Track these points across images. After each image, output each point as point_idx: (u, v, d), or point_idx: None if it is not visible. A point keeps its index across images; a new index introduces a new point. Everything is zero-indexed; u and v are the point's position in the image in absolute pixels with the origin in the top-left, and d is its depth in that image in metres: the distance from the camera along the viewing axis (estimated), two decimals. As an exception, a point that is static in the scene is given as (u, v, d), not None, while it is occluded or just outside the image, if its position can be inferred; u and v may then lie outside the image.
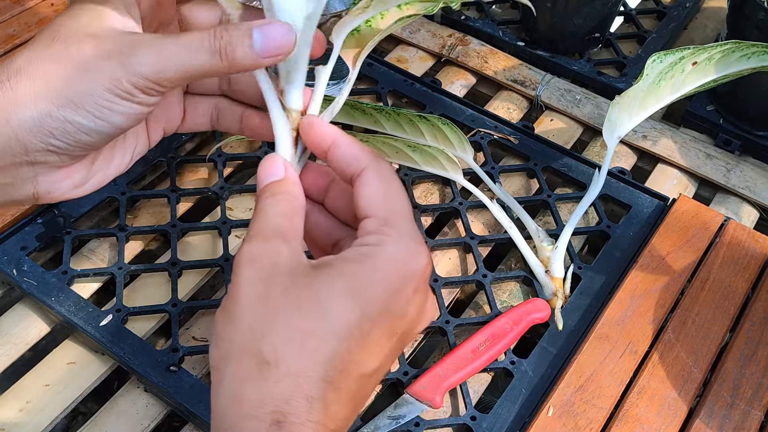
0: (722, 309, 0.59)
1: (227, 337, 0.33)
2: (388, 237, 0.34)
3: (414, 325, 0.35)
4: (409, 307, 0.34)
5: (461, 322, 0.58)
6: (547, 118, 0.77)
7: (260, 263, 0.33)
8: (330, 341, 0.32)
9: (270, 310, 0.32)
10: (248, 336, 0.32)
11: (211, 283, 0.62)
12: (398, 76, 0.77)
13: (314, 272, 0.33)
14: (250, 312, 0.32)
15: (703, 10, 0.93)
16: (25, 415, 0.52)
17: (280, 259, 0.33)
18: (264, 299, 0.32)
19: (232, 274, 0.34)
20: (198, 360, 0.56)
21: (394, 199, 0.36)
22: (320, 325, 0.32)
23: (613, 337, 0.57)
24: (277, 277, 0.33)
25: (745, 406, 0.54)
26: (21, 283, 0.57)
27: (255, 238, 0.34)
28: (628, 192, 0.68)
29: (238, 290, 0.33)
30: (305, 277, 0.33)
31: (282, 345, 0.31)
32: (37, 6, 0.81)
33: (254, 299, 0.33)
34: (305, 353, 0.31)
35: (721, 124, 0.75)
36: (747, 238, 0.64)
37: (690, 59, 0.56)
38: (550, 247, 0.61)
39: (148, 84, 0.36)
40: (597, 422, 0.52)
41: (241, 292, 0.33)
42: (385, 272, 0.33)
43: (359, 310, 0.32)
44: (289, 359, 0.31)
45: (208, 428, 0.51)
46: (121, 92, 0.35)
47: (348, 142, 0.37)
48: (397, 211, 0.35)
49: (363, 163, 0.36)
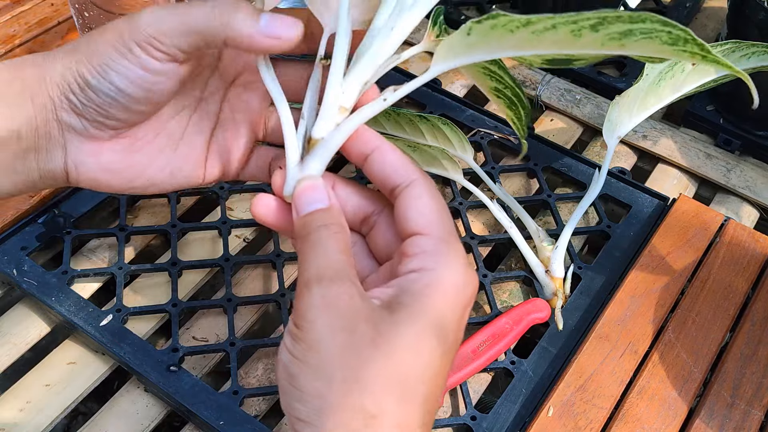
0: (722, 309, 0.59)
1: (318, 393, 0.31)
2: (446, 260, 0.34)
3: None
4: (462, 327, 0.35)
5: (461, 322, 0.58)
6: (547, 118, 0.77)
7: (338, 310, 0.32)
8: (423, 384, 0.32)
9: (363, 362, 0.31)
10: (346, 391, 0.31)
11: (212, 283, 0.62)
12: (399, 76, 0.77)
13: (393, 317, 0.32)
14: (341, 366, 0.31)
15: (703, 10, 0.93)
16: (25, 415, 0.52)
17: (356, 303, 0.32)
18: (353, 351, 0.32)
19: (299, 317, 0.32)
20: (198, 360, 0.56)
21: (447, 218, 0.36)
22: (413, 371, 0.32)
23: (613, 337, 0.57)
24: (360, 324, 0.32)
25: (745, 405, 0.54)
26: (21, 283, 0.57)
27: (325, 280, 0.33)
28: (628, 192, 0.68)
29: (318, 340, 0.32)
30: (386, 322, 0.32)
31: (383, 397, 0.31)
32: (37, 6, 0.81)
33: (342, 351, 0.32)
34: (405, 401, 0.31)
35: (722, 124, 0.75)
36: (747, 238, 0.64)
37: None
38: (550, 247, 0.61)
39: (146, 38, 0.36)
40: (597, 422, 0.52)
41: (323, 343, 0.32)
42: (452, 303, 0.34)
43: (441, 347, 0.33)
44: (392, 410, 0.31)
45: (208, 428, 0.51)
46: (122, 47, 0.36)
47: (394, 150, 0.37)
48: (452, 232, 0.35)
49: (412, 175, 0.36)
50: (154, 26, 0.36)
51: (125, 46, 0.36)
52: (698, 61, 0.35)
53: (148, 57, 0.36)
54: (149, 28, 0.36)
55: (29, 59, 0.39)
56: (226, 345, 0.55)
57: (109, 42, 0.37)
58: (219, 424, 0.50)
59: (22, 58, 0.39)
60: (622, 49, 0.33)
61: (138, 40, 0.36)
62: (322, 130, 0.37)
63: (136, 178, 0.41)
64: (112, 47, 0.37)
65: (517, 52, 0.36)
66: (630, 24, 0.33)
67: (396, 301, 0.33)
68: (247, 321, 0.58)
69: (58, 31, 0.79)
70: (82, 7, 0.64)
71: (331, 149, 0.37)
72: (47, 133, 0.39)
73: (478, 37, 0.36)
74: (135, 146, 0.41)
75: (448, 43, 0.37)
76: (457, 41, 0.37)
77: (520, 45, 0.35)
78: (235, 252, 0.62)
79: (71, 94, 0.38)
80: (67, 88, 0.38)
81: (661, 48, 0.34)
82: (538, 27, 0.34)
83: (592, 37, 0.33)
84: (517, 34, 0.35)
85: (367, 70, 0.37)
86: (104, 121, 0.39)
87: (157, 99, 0.39)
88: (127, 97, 0.37)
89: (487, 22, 0.35)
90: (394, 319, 0.32)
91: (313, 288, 0.33)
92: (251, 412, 0.53)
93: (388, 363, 0.31)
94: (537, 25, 0.34)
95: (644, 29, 0.33)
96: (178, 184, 0.43)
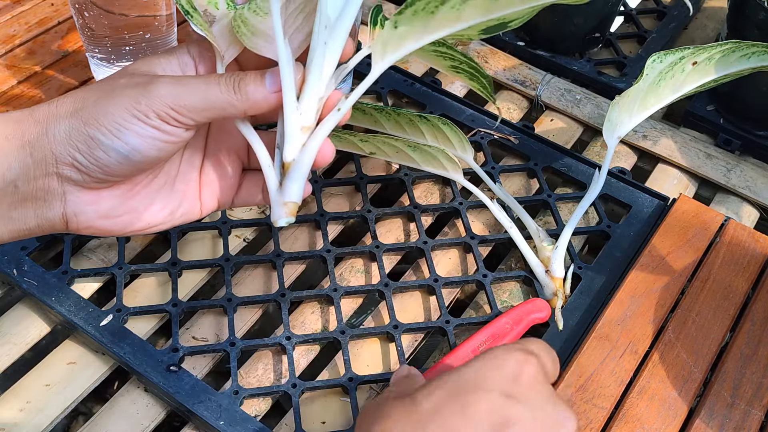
0: (722, 309, 0.59)
1: None
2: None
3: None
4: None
5: (461, 322, 0.58)
6: (548, 117, 0.77)
7: None
8: None
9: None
10: None
11: (212, 283, 0.62)
12: (398, 76, 0.77)
13: None
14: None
15: (703, 10, 0.93)
16: (25, 415, 0.52)
17: None
18: None
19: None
20: (198, 360, 0.56)
21: None
22: None
23: (613, 337, 0.57)
24: None
25: (745, 405, 0.54)
26: (21, 283, 0.57)
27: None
28: (628, 192, 0.68)
29: None
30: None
31: None
32: (37, 6, 0.81)
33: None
34: None
35: (722, 123, 0.75)
36: (747, 237, 0.64)
37: (690, 59, 0.56)
38: (550, 247, 0.61)
39: (164, 108, 0.38)
40: (597, 422, 0.52)
41: None
42: None
43: None
44: None
45: (208, 428, 0.51)
46: (139, 113, 0.38)
47: None
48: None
49: None
50: (173, 100, 0.38)
51: (142, 112, 0.38)
52: None
53: (162, 123, 0.38)
54: (168, 100, 0.38)
55: (29, 115, 0.40)
56: (226, 345, 0.55)
57: (122, 106, 0.38)
58: (219, 424, 0.50)
59: (20, 113, 0.40)
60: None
61: (156, 109, 0.38)
62: (292, 153, 0.40)
63: (135, 222, 0.43)
64: (126, 111, 0.38)
65: (445, 30, 0.38)
66: None
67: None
68: (247, 321, 0.58)
69: (58, 31, 0.79)
70: (82, 7, 0.65)
71: (303, 169, 0.40)
72: (46, 185, 0.40)
73: (405, 27, 0.38)
74: (133, 191, 0.42)
75: (381, 41, 0.39)
76: (387, 37, 0.38)
77: (446, 23, 0.37)
78: (235, 252, 0.62)
79: (78, 153, 0.39)
80: (74, 147, 0.39)
81: None
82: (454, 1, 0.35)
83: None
84: (438, 13, 0.36)
85: (318, 86, 0.39)
86: (107, 178, 0.40)
87: (165, 157, 0.41)
88: (140, 155, 0.39)
89: (407, 10, 0.37)
90: None
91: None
92: (251, 412, 0.53)
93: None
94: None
95: None
96: (178, 221, 0.45)
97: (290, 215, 0.41)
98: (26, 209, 0.40)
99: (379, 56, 0.39)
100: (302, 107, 0.39)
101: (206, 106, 0.39)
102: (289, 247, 0.62)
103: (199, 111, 0.39)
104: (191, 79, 0.39)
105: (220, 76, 0.39)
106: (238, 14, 0.40)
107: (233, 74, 0.39)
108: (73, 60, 0.76)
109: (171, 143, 0.40)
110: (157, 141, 0.39)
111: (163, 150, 0.40)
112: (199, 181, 0.45)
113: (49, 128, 0.39)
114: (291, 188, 0.40)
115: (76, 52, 0.77)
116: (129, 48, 0.68)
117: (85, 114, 0.39)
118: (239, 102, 0.39)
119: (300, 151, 0.40)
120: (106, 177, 0.40)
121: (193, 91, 0.38)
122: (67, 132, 0.39)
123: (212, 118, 0.40)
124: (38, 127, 0.39)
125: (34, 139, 0.39)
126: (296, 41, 0.41)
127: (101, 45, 0.68)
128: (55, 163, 0.39)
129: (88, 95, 0.40)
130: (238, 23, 0.40)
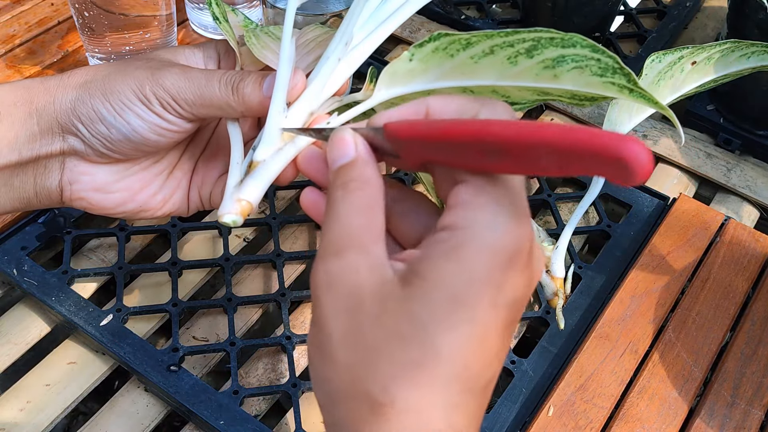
0: (723, 308, 0.59)
1: (327, 377, 0.29)
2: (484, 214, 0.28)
3: (523, 304, 0.30)
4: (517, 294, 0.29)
5: (461, 322, 0.58)
6: (548, 117, 0.77)
7: (338, 289, 0.29)
8: (444, 366, 0.27)
9: (366, 347, 0.28)
10: (349, 377, 0.28)
11: (212, 283, 0.62)
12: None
13: (405, 291, 0.28)
14: (344, 350, 0.28)
15: (703, 10, 0.93)
16: (25, 415, 0.52)
17: (360, 279, 0.29)
18: (355, 334, 0.28)
19: (312, 296, 0.30)
20: (198, 360, 0.56)
21: None
22: (428, 352, 0.27)
23: (613, 337, 0.57)
24: (364, 304, 0.28)
25: (745, 405, 0.54)
26: (21, 283, 0.57)
27: (327, 253, 0.29)
28: (628, 191, 0.68)
29: (324, 323, 0.29)
30: (396, 298, 0.28)
31: (391, 382, 0.27)
32: (37, 6, 0.81)
33: (344, 334, 0.28)
34: (420, 386, 0.27)
35: (722, 123, 0.75)
36: (747, 237, 0.64)
37: (689, 59, 0.56)
38: (550, 247, 0.61)
39: (166, 97, 0.38)
40: (597, 422, 0.52)
41: (328, 326, 0.29)
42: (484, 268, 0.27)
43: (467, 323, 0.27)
44: (404, 395, 0.27)
45: (208, 428, 0.51)
46: (142, 96, 0.39)
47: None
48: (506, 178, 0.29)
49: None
50: (176, 91, 0.38)
51: (145, 96, 0.39)
52: (626, 96, 0.34)
53: (164, 111, 0.39)
54: (171, 90, 0.38)
55: (40, 83, 0.40)
56: (226, 345, 0.55)
57: (129, 86, 0.39)
58: (219, 424, 0.50)
59: (32, 81, 0.41)
60: (555, 81, 0.34)
61: (159, 96, 0.38)
62: (263, 154, 0.38)
63: (128, 201, 0.43)
64: (131, 91, 0.39)
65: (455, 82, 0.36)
66: (562, 49, 0.33)
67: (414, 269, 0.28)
68: (247, 321, 0.58)
69: (58, 31, 0.79)
70: (82, 7, 0.65)
71: (269, 173, 0.38)
72: (48, 152, 0.40)
73: (419, 64, 0.36)
74: (131, 170, 0.43)
75: (392, 70, 0.37)
76: (399, 67, 0.37)
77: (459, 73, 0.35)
78: (235, 252, 0.62)
79: (81, 125, 0.39)
80: (77, 117, 0.39)
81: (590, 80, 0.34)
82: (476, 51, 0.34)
83: (527, 65, 0.34)
84: (456, 58, 0.35)
85: (316, 99, 0.39)
86: (109, 153, 0.41)
87: (166, 144, 0.41)
88: (139, 137, 0.40)
89: (428, 45, 0.35)
90: (405, 294, 0.28)
91: (319, 264, 0.30)
92: (251, 412, 0.53)
93: (394, 347, 0.27)
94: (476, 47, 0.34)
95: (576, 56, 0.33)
96: (168, 210, 0.45)
97: (239, 215, 0.37)
98: (27, 176, 0.41)
99: (384, 85, 0.37)
100: (290, 113, 0.38)
101: (204, 103, 0.39)
102: (289, 247, 0.62)
103: (197, 106, 0.39)
104: (197, 73, 0.39)
105: (223, 73, 0.39)
106: (252, 30, 0.41)
107: (234, 73, 0.39)
108: (73, 60, 0.76)
109: (172, 131, 0.40)
110: (157, 127, 0.39)
111: (163, 136, 0.40)
112: (191, 175, 0.45)
113: (57, 97, 0.39)
114: (250, 186, 0.37)
115: (76, 52, 0.77)
116: (129, 48, 0.68)
117: (93, 87, 0.39)
118: (236, 104, 0.39)
119: (273, 154, 0.38)
120: (108, 152, 0.40)
121: (193, 85, 0.39)
122: (73, 102, 0.39)
123: (212, 115, 0.40)
124: (47, 95, 0.40)
125: (42, 107, 0.40)
126: (304, 62, 0.41)
127: (101, 45, 0.68)
128: (61, 131, 0.40)
129: (100, 69, 0.40)
130: (250, 35, 0.41)
